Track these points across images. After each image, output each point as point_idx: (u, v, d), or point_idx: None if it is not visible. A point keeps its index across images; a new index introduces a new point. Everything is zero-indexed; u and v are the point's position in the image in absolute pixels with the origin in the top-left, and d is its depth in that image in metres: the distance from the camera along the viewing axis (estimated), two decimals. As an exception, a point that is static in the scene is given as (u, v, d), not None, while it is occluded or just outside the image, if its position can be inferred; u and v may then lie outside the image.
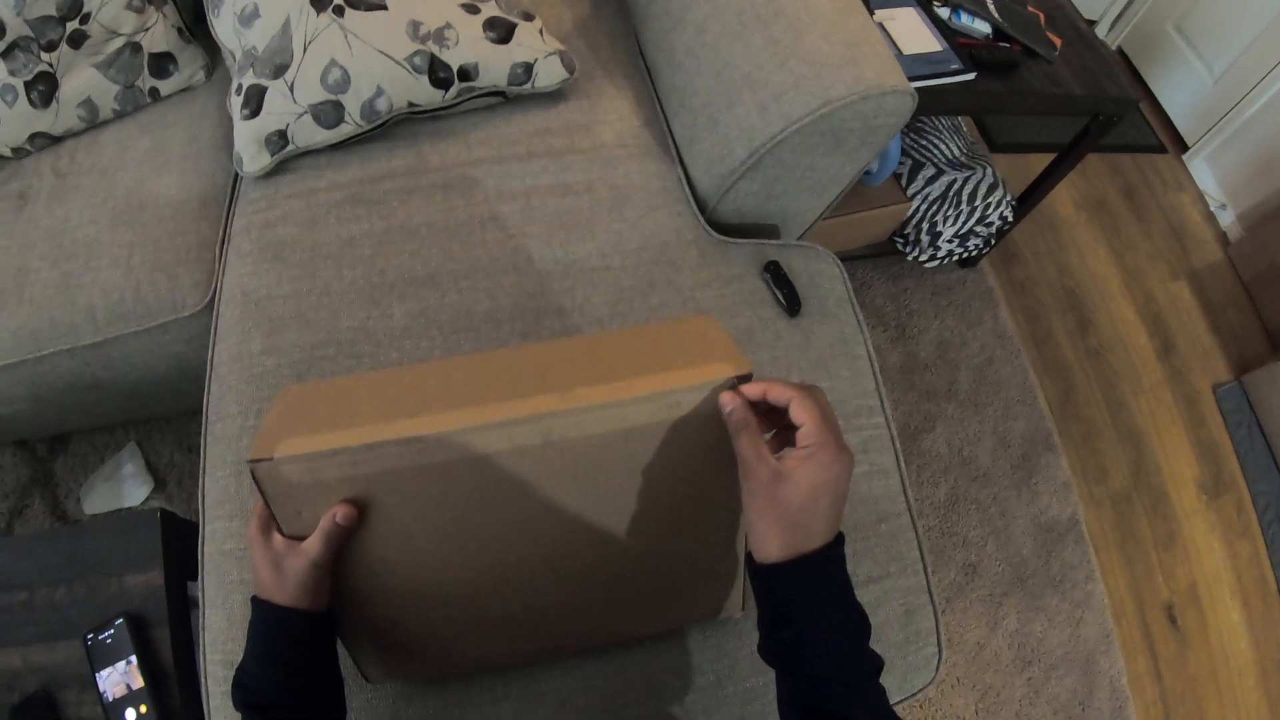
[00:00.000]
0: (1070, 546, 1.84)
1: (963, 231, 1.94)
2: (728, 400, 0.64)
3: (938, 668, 1.07)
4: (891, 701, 0.70)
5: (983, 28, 1.65)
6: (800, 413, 0.62)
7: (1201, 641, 1.82)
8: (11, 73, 1.45)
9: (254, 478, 0.66)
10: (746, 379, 0.66)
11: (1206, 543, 1.93)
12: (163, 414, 1.80)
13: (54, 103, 1.49)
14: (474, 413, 0.66)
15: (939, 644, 1.07)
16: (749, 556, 0.65)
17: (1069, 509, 1.88)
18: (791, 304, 1.20)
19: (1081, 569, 1.82)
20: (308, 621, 0.71)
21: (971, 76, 1.56)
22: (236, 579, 1.05)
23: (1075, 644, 1.75)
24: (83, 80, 1.50)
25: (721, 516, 0.79)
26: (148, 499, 1.75)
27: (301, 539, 0.69)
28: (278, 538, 0.70)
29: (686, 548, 0.82)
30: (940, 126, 1.98)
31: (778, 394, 0.64)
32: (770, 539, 0.62)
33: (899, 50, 1.53)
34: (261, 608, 0.71)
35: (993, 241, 2.02)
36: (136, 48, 1.51)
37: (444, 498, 0.69)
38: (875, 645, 1.02)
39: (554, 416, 0.65)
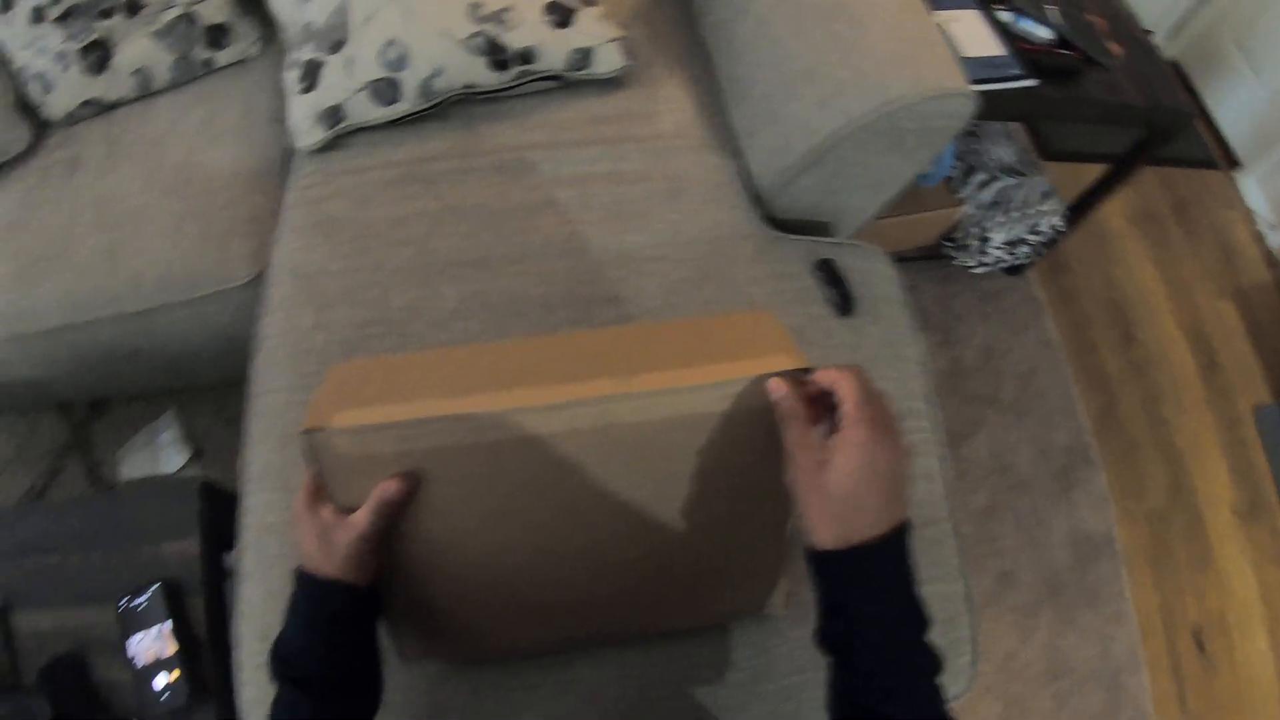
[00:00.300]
0: (1104, 562, 1.82)
1: (1013, 239, 1.92)
2: (776, 387, 0.64)
3: (972, 677, 1.05)
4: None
5: (1044, 33, 1.62)
6: (839, 393, 0.62)
7: (1228, 667, 1.79)
8: (67, 38, 1.46)
9: (306, 447, 0.66)
10: (805, 374, 0.65)
11: (1238, 567, 1.90)
12: (203, 384, 1.81)
13: (108, 70, 1.50)
14: (531, 393, 0.66)
15: (974, 653, 1.06)
16: (805, 545, 0.64)
17: (1105, 524, 1.86)
18: (844, 303, 1.19)
19: (1114, 585, 1.80)
20: (352, 596, 0.70)
21: (1032, 83, 1.53)
22: (276, 553, 1.05)
23: (1104, 660, 1.73)
24: (137, 49, 1.51)
25: (770, 511, 0.78)
26: (184, 467, 1.76)
27: (350, 512, 0.69)
28: (326, 510, 0.69)
29: (733, 541, 0.81)
30: (994, 131, 1.95)
31: (821, 377, 0.64)
32: (821, 528, 0.61)
33: (960, 53, 1.51)
34: (305, 580, 0.71)
35: (1042, 250, 2.00)
36: (192, 18, 1.52)
37: (496, 477, 0.69)
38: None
39: (612, 400, 0.65)
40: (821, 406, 0.64)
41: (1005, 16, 1.62)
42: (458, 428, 0.65)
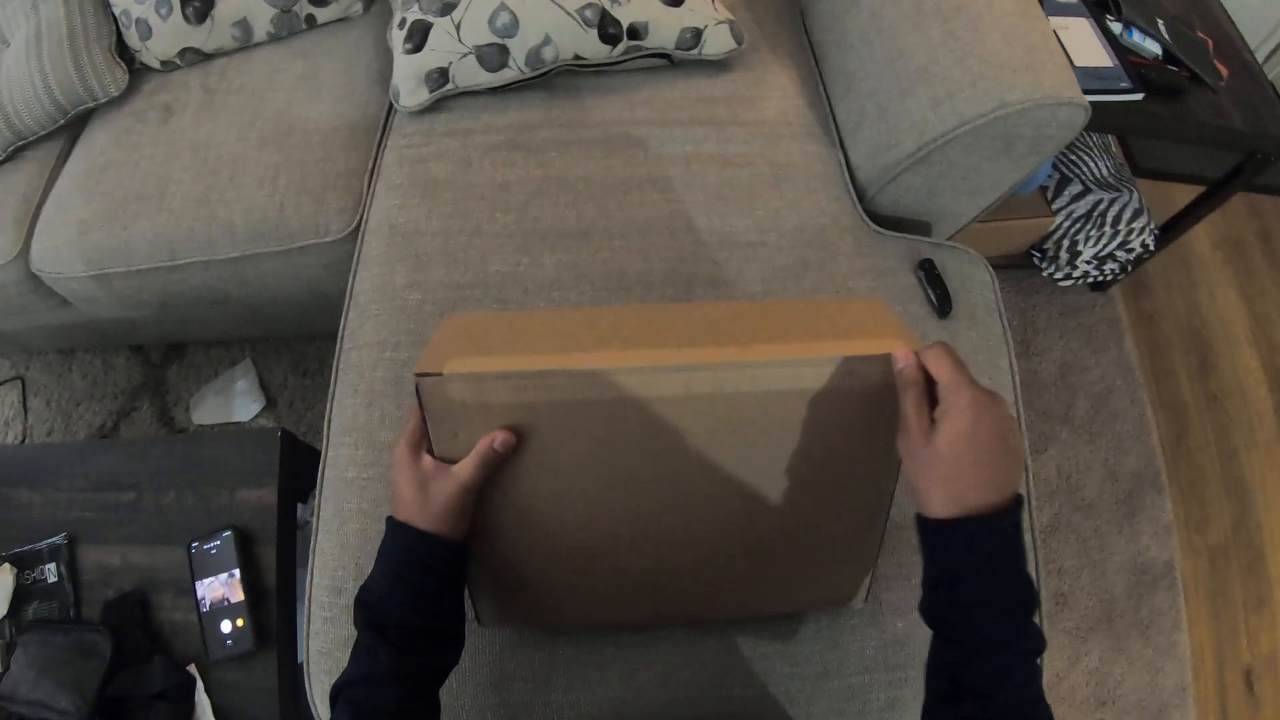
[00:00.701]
0: (1162, 592, 1.78)
1: (1102, 254, 1.88)
2: (902, 356, 0.64)
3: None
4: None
5: (1153, 48, 1.58)
6: (934, 366, 0.62)
7: (1274, 712, 1.75)
8: (169, -14, 1.47)
9: (418, 392, 0.65)
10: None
11: (1296, 610, 1.86)
12: (282, 335, 1.83)
13: (209, 20, 1.51)
14: (649, 354, 0.65)
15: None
16: (917, 514, 0.64)
17: (1167, 554, 1.82)
18: (943, 305, 1.17)
19: (1169, 617, 1.77)
20: (445, 549, 0.70)
21: (1139, 97, 1.50)
22: (354, 507, 1.06)
23: (1151, 692, 1.70)
24: (240, 1, 1.52)
25: (868, 497, 0.77)
26: (257, 416, 1.78)
27: (452, 462, 0.68)
28: (427, 459, 0.69)
29: (828, 526, 0.80)
30: (1090, 143, 1.92)
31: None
32: (932, 497, 0.62)
33: (1070, 61, 1.48)
34: (399, 529, 0.70)
35: (1129, 268, 1.96)
36: (298, -27, 1.53)
37: (604, 437, 0.68)
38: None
39: (730, 368, 0.64)
40: (931, 386, 0.64)
41: (1115, 27, 1.59)
42: (574, 383, 0.65)
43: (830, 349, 0.65)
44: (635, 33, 1.28)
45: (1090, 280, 2.01)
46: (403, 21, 1.32)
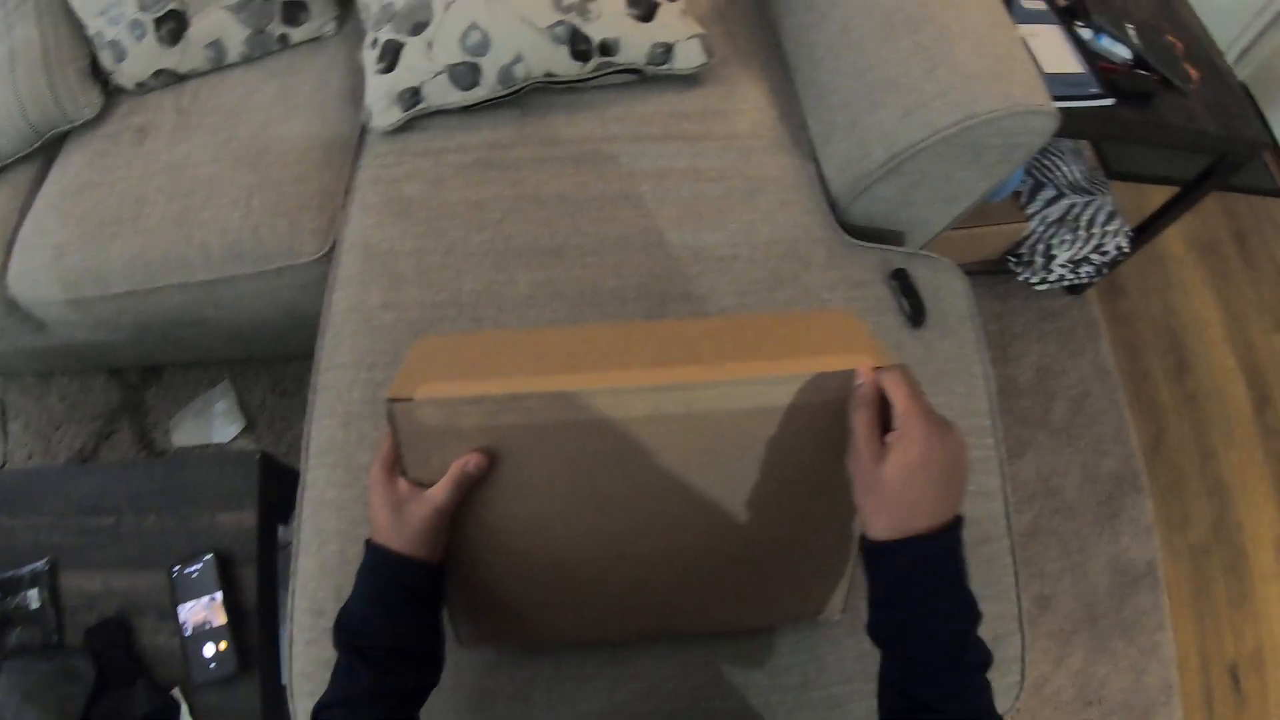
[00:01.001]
0: (1144, 592, 1.80)
1: (1077, 258, 1.90)
2: (864, 373, 0.64)
3: (1017, 697, 1.05)
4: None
5: (1123, 53, 1.60)
6: (891, 390, 0.62)
7: (1260, 707, 1.76)
8: (142, 8, 1.47)
9: (390, 416, 0.66)
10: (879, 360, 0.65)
11: (1279, 608, 1.88)
12: (260, 356, 1.83)
13: (182, 41, 1.51)
14: (620, 375, 0.66)
15: (1022, 673, 1.05)
16: (861, 534, 0.65)
17: (1148, 554, 1.83)
18: (916, 314, 1.18)
19: (1153, 617, 1.78)
20: (422, 571, 0.71)
21: (1109, 102, 1.51)
22: (334, 528, 1.06)
23: (1136, 692, 1.71)
24: (213, 21, 1.52)
25: (842, 510, 0.77)
26: (236, 438, 1.77)
27: (426, 486, 0.69)
28: (402, 482, 0.70)
29: (801, 540, 0.81)
30: (1063, 148, 1.93)
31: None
32: (876, 519, 0.63)
33: (1040, 68, 1.49)
34: (376, 552, 0.71)
35: (1104, 270, 1.97)
36: (271, -7, 1.53)
37: (577, 459, 0.69)
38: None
39: (700, 387, 0.65)
40: (885, 406, 0.65)
41: (1085, 33, 1.61)
42: (545, 405, 0.65)
43: (799, 365, 0.65)
44: (606, 49, 1.29)
45: (1066, 284, 2.02)
46: (375, 41, 1.33)
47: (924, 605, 0.62)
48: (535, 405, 0.65)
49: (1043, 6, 1.64)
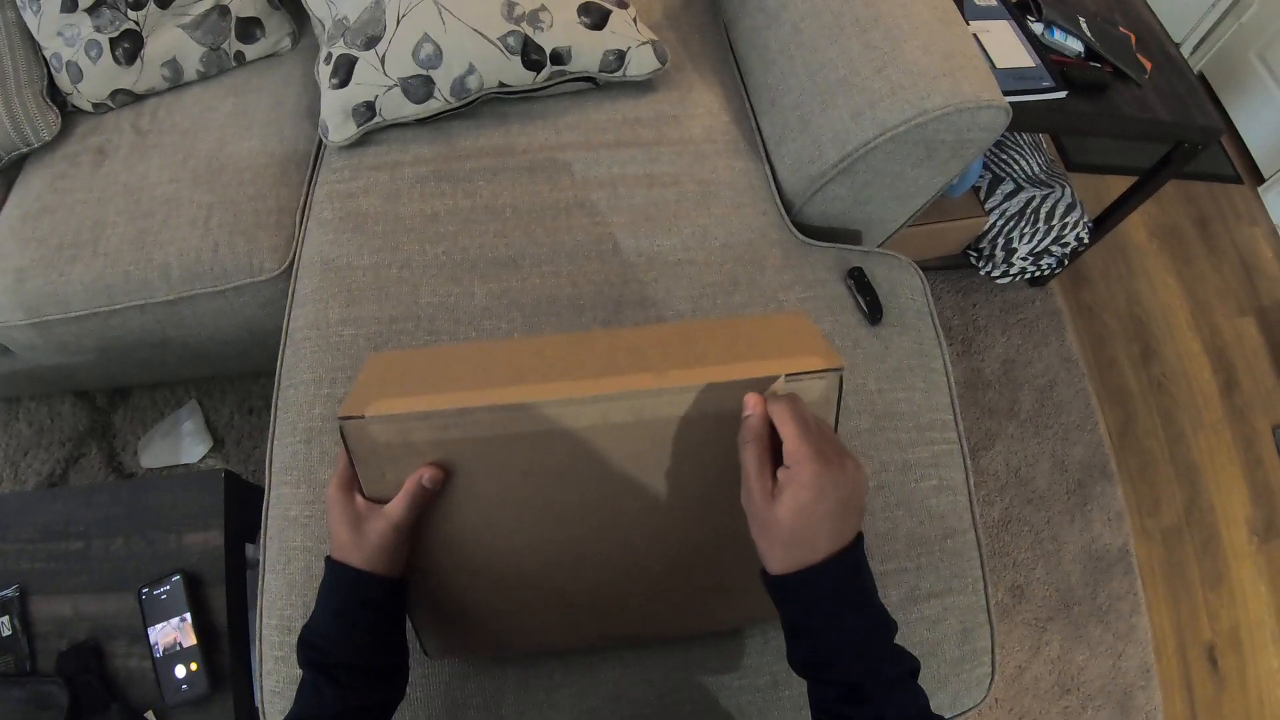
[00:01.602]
0: (1118, 578, 1.81)
1: (1038, 250, 1.92)
2: (752, 403, 0.63)
3: (989, 688, 1.05)
4: (945, 720, 0.69)
5: (1075, 46, 1.62)
6: (780, 425, 0.61)
7: (1239, 686, 1.78)
8: (97, 29, 1.46)
9: (342, 435, 0.66)
10: (839, 372, 0.66)
11: (1254, 586, 1.90)
12: (226, 374, 1.82)
13: (138, 61, 1.51)
14: (568, 386, 0.66)
15: (993, 665, 1.06)
16: (761, 569, 0.65)
17: (1120, 539, 1.85)
18: (873, 312, 1.18)
19: (1127, 601, 1.79)
20: (383, 586, 0.71)
21: (1062, 95, 1.53)
22: (299, 545, 1.06)
23: (1115, 676, 1.72)
24: (168, 40, 1.51)
25: None
26: (205, 457, 1.76)
27: (382, 502, 0.69)
28: (359, 499, 0.70)
29: None
30: (1021, 142, 1.95)
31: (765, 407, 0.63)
32: (772, 556, 0.62)
33: (992, 63, 1.51)
34: (336, 569, 0.71)
35: (1066, 262, 1.99)
36: (224, 11, 1.52)
37: (530, 469, 0.69)
38: (932, 661, 1.01)
39: (647, 395, 0.65)
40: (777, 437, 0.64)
41: (1037, 28, 1.62)
42: (496, 418, 0.65)
43: (747, 370, 0.66)
44: (559, 58, 1.29)
45: (1028, 276, 2.05)
46: (329, 56, 1.32)
47: (833, 629, 0.62)
48: (485, 419, 0.65)
49: (994, 2, 1.65)
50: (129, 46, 1.49)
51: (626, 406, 0.66)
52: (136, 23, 1.48)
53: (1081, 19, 1.66)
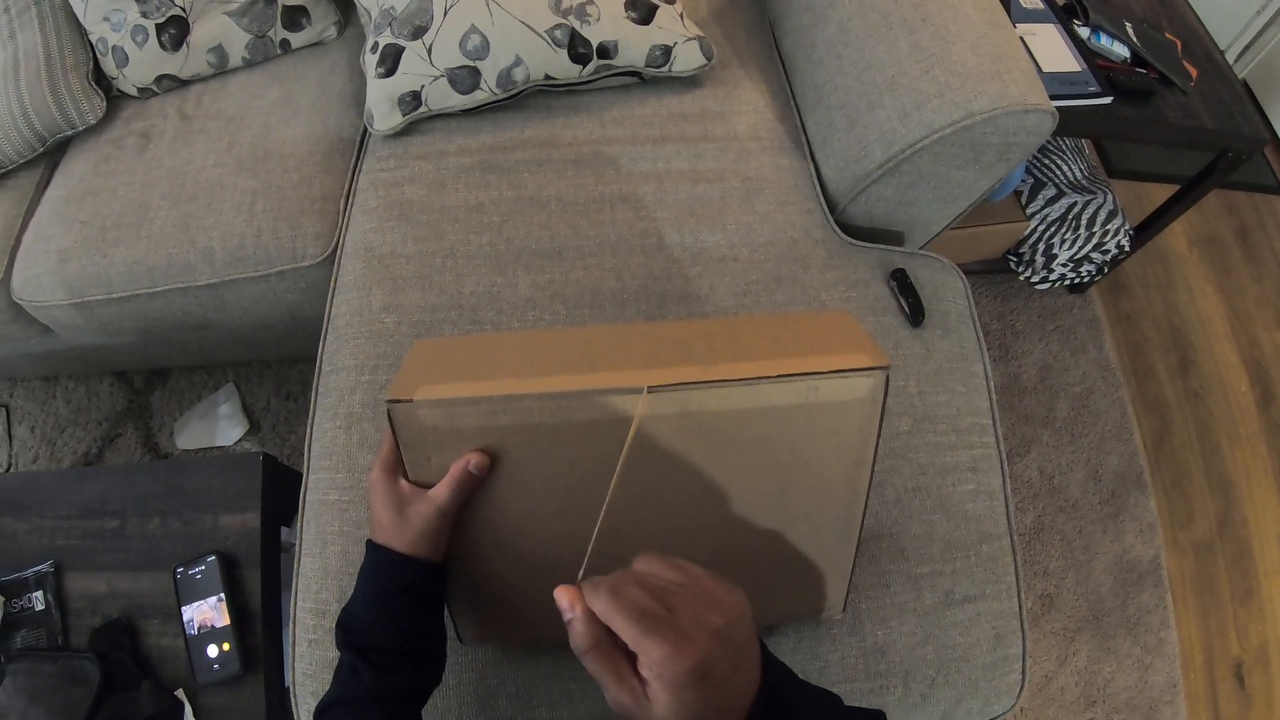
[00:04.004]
0: (1149, 590, 1.79)
1: (1078, 256, 1.90)
2: (567, 603, 0.53)
3: (1019, 695, 1.05)
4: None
5: (1121, 51, 1.60)
6: (610, 622, 0.51)
7: (1265, 704, 1.76)
8: (144, 14, 1.48)
9: (389, 418, 0.67)
10: (885, 370, 0.66)
11: (1284, 603, 1.87)
12: (264, 359, 1.84)
13: (184, 47, 1.52)
14: (617, 376, 0.66)
15: (1023, 672, 1.05)
16: None
17: (1152, 551, 1.83)
18: (915, 314, 1.18)
19: (1157, 614, 1.77)
20: (423, 571, 0.71)
21: (1108, 100, 1.51)
22: (336, 530, 1.07)
23: (1141, 690, 1.71)
24: (215, 27, 1.53)
25: (840, 509, 0.78)
26: (240, 441, 1.78)
27: (426, 486, 0.70)
28: (403, 483, 0.70)
29: (801, 538, 0.81)
30: (1063, 147, 1.93)
31: (591, 602, 0.52)
32: None
33: (1039, 67, 1.49)
34: (378, 552, 0.71)
35: (1106, 269, 1.97)
36: (271, -1, 1.54)
37: (575, 458, 0.70)
38: (964, 666, 1.00)
39: (695, 387, 0.65)
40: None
41: (1083, 32, 1.61)
42: (544, 405, 0.66)
43: (795, 365, 0.66)
44: (605, 52, 1.29)
45: (1068, 283, 2.02)
46: (375, 46, 1.33)
47: None
48: (533, 406, 0.65)
49: (1041, 5, 1.63)
50: (175, 32, 1.51)
51: (673, 398, 0.66)
52: (183, 9, 1.50)
53: (1128, 24, 1.64)
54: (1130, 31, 1.62)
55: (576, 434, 0.67)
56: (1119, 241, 1.88)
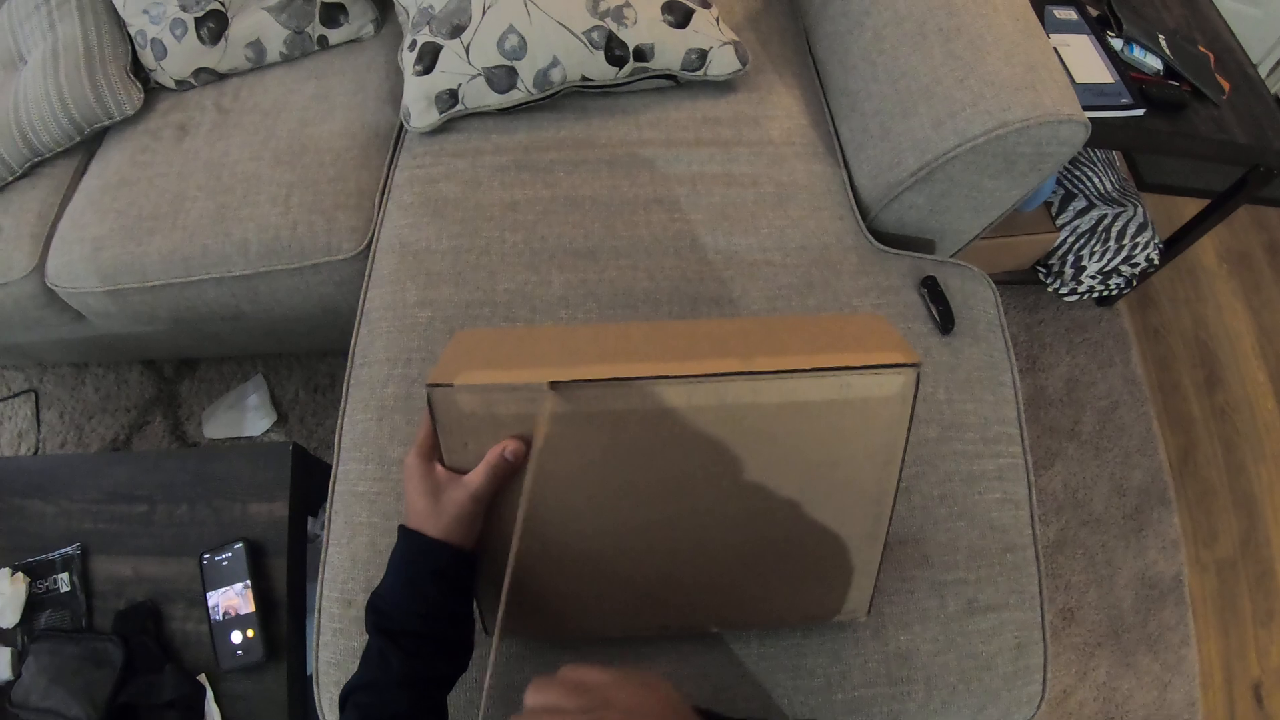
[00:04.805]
0: (1170, 607, 1.78)
1: (1107, 269, 1.89)
2: None
3: (1039, 706, 1.04)
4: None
5: (1154, 63, 1.59)
6: None
7: (1284, 726, 1.75)
8: (183, 8, 1.50)
9: (429, 403, 0.68)
10: (916, 368, 0.67)
11: (1306, 625, 1.86)
12: (294, 351, 1.85)
13: (222, 41, 1.54)
14: (655, 366, 0.67)
15: (1044, 683, 1.04)
16: None
17: (1174, 568, 1.82)
18: (945, 322, 1.18)
19: (1178, 632, 1.76)
20: (455, 557, 0.72)
21: (1140, 113, 1.51)
22: (364, 520, 1.07)
23: (1159, 708, 1.69)
24: (253, 22, 1.55)
25: (868, 510, 0.79)
26: (267, 432, 1.79)
27: (462, 472, 0.70)
28: (439, 468, 0.71)
29: (828, 538, 0.81)
30: (1094, 158, 1.92)
31: None
32: None
33: (1071, 78, 1.49)
34: (410, 536, 0.72)
35: (1134, 282, 1.96)
36: (310, -5, 1.55)
37: (611, 447, 0.70)
38: (985, 675, 1.00)
39: (732, 380, 0.66)
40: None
41: (1116, 43, 1.60)
42: (583, 394, 0.67)
43: (830, 360, 0.67)
44: (641, 54, 1.30)
45: (1096, 295, 2.02)
46: (413, 44, 1.35)
47: None
48: (569, 393, 0.66)
49: (1074, 16, 1.63)
50: (214, 26, 1.52)
51: (711, 390, 0.67)
52: (222, 3, 1.52)
53: (1161, 36, 1.64)
54: (1163, 43, 1.62)
55: (611, 424, 0.68)
56: (1148, 255, 1.87)
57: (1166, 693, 1.70)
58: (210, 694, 1.11)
